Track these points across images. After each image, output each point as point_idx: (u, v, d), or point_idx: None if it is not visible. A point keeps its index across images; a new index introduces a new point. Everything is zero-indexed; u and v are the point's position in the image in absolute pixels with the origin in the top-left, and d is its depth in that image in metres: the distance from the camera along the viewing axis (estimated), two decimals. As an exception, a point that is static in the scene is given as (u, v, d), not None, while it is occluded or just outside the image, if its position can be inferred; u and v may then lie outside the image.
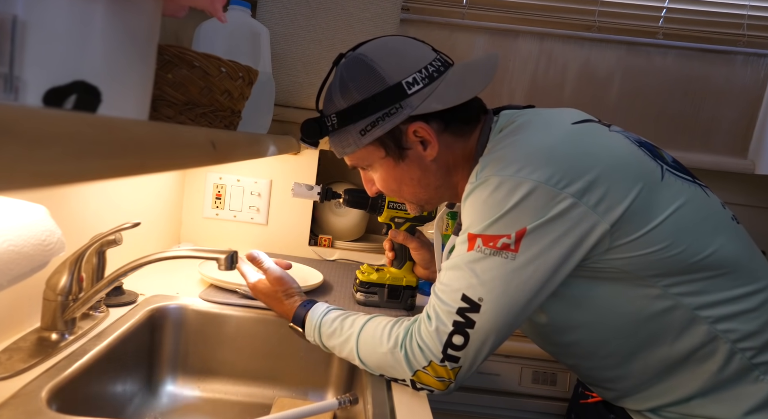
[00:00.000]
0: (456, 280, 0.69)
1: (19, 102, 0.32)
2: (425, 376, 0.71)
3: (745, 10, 1.42)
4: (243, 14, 0.89)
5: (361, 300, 1.05)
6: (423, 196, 0.83)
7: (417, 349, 0.71)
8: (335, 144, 0.82)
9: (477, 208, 0.69)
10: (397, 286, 1.05)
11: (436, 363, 0.70)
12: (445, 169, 0.80)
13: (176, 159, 0.33)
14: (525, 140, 0.70)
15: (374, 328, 0.76)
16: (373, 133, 0.76)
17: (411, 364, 0.71)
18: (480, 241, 0.68)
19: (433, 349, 0.70)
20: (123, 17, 0.37)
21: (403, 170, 0.80)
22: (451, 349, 0.69)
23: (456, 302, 0.69)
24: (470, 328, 0.68)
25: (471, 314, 0.68)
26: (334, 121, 0.78)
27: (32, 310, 0.78)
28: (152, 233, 1.23)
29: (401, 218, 1.04)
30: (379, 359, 0.74)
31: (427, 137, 0.76)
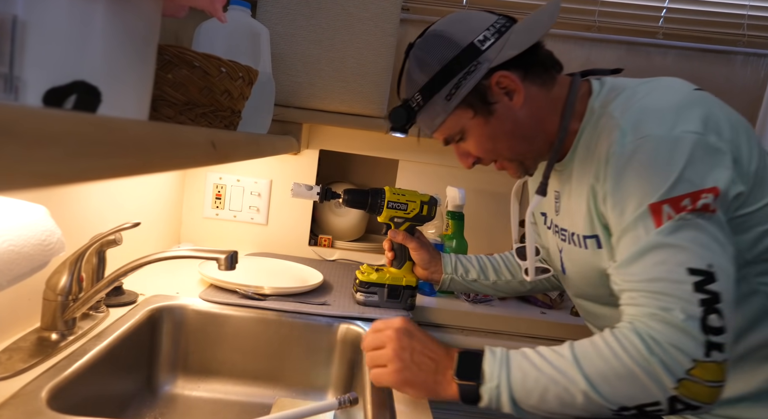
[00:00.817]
0: (666, 262, 0.61)
1: (19, 102, 0.32)
2: (693, 386, 0.58)
3: (745, 10, 1.42)
4: (243, 14, 0.89)
5: (361, 300, 1.05)
6: (520, 148, 0.82)
7: (674, 351, 0.58)
8: (425, 120, 0.83)
9: (643, 174, 0.64)
10: (396, 286, 1.05)
11: (702, 361, 0.58)
12: (535, 119, 0.80)
13: (176, 159, 0.33)
14: (661, 98, 0.69)
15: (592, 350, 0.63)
16: (459, 94, 0.77)
17: (672, 371, 0.58)
18: (669, 209, 0.62)
19: (690, 342, 0.58)
20: (123, 17, 0.37)
21: (495, 125, 0.79)
22: (713, 334, 0.58)
23: (686, 279, 0.60)
24: (718, 302, 0.59)
25: (710, 285, 0.59)
26: (418, 99, 0.81)
27: (32, 310, 0.78)
28: (152, 233, 1.23)
29: (401, 218, 1.04)
30: (623, 382, 0.60)
31: (511, 84, 0.77)
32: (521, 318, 1.20)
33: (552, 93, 0.80)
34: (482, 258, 1.09)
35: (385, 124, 1.28)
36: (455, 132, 0.82)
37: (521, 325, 1.19)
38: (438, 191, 1.36)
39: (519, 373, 0.63)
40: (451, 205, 1.31)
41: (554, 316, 1.22)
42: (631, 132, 0.67)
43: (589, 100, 0.79)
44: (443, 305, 1.21)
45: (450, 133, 0.83)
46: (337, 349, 0.99)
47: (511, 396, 0.63)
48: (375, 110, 1.25)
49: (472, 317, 1.19)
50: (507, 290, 1.08)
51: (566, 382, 0.61)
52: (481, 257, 1.09)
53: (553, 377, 0.62)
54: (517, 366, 0.64)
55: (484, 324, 1.19)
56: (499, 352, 0.66)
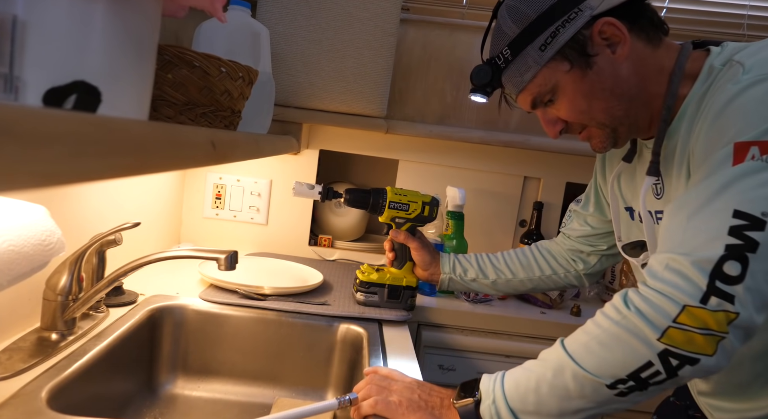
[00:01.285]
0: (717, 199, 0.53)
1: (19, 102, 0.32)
2: (680, 334, 0.51)
3: (745, 10, 1.42)
4: (243, 14, 0.89)
5: (361, 300, 1.05)
6: (618, 110, 0.71)
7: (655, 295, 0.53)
8: (512, 77, 0.74)
9: (750, 109, 0.55)
10: (397, 286, 1.05)
11: (693, 306, 0.50)
12: (638, 77, 0.70)
13: (176, 159, 0.33)
14: None
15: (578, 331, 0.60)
16: (555, 44, 0.69)
17: (654, 322, 0.52)
18: (756, 151, 0.53)
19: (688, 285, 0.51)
20: (123, 17, 0.37)
21: (593, 81, 0.70)
22: (721, 281, 0.50)
23: (725, 221, 0.51)
24: (751, 251, 0.50)
25: (752, 232, 0.50)
26: (506, 54, 0.73)
27: (32, 310, 0.78)
28: (152, 233, 1.23)
29: (402, 218, 1.04)
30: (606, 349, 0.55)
31: (616, 34, 0.69)
32: (521, 318, 1.20)
33: (658, 53, 0.71)
34: (482, 257, 1.07)
35: (385, 123, 1.28)
36: (546, 89, 0.72)
37: (521, 325, 1.19)
38: (438, 191, 1.36)
39: (512, 382, 0.62)
40: (451, 204, 1.31)
41: (554, 316, 1.23)
42: (754, 69, 0.58)
43: (707, 59, 0.68)
44: (443, 305, 1.21)
45: (540, 91, 0.73)
46: (337, 349, 0.99)
47: (509, 408, 0.60)
48: (375, 110, 1.25)
49: (472, 317, 1.19)
50: (507, 289, 1.06)
51: (554, 370, 0.58)
52: (481, 256, 1.07)
53: (542, 371, 0.59)
54: (510, 375, 0.63)
55: (484, 324, 1.19)
56: (495, 373, 0.65)
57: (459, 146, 1.44)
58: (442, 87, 1.45)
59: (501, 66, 0.74)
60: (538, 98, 0.74)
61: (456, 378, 1.18)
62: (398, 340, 0.94)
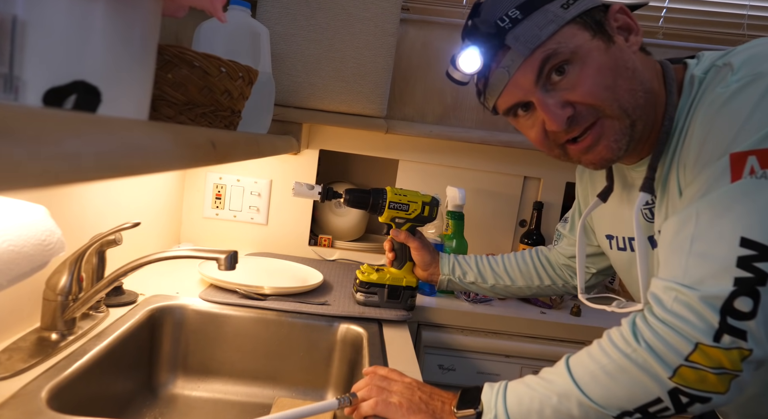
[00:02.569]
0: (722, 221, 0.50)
1: (18, 102, 0.32)
2: (692, 373, 0.49)
3: (745, 10, 1.42)
4: (243, 14, 0.89)
5: (361, 301, 1.05)
6: (641, 98, 0.62)
7: (670, 332, 0.50)
8: (526, 32, 0.61)
9: (742, 115, 0.52)
10: (397, 287, 1.05)
11: (706, 345, 0.48)
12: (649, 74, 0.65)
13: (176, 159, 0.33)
14: None
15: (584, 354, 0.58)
16: (579, 5, 0.62)
17: (665, 360, 0.50)
18: (755, 162, 0.50)
19: (700, 323, 0.48)
20: (123, 17, 0.37)
21: (617, 56, 0.61)
22: (733, 318, 0.48)
23: (732, 250, 0.48)
24: (762, 284, 0.47)
25: (761, 263, 0.47)
26: (514, 14, 0.62)
27: (32, 310, 0.78)
28: (152, 233, 1.23)
29: (402, 218, 1.04)
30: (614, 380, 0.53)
31: (629, 22, 0.64)
32: (521, 318, 1.20)
33: (649, 63, 0.67)
34: (482, 260, 1.05)
35: (385, 123, 1.28)
36: (565, 52, 0.61)
37: (521, 325, 1.19)
38: (438, 191, 1.36)
39: (514, 398, 0.61)
40: (451, 204, 1.31)
41: (554, 316, 1.22)
42: (743, 69, 0.54)
43: (686, 72, 0.64)
44: (443, 305, 1.21)
45: (557, 50, 0.61)
46: (336, 349, 0.99)
47: None
48: (375, 110, 1.25)
49: (471, 317, 1.19)
50: (506, 293, 1.06)
51: (560, 395, 0.57)
52: (481, 259, 1.06)
53: (547, 393, 0.58)
54: (512, 391, 0.62)
55: (483, 324, 1.19)
56: (497, 384, 0.64)
57: (459, 146, 1.44)
58: (442, 87, 1.45)
59: (505, 27, 0.62)
60: (551, 62, 0.61)
61: (456, 378, 1.18)
62: (398, 340, 0.94)
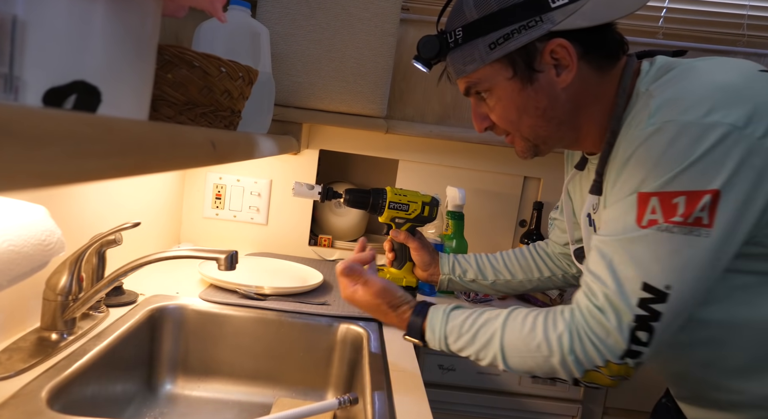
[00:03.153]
0: (630, 264, 0.59)
1: (18, 102, 0.32)
2: (597, 375, 0.63)
3: (745, 10, 1.42)
4: (243, 14, 0.89)
5: None
6: (543, 131, 0.73)
7: (592, 350, 0.62)
8: (455, 61, 0.73)
9: (651, 158, 0.58)
10: None
11: (613, 363, 0.61)
12: (574, 104, 0.71)
13: (176, 159, 0.33)
14: (708, 78, 0.59)
15: (521, 330, 0.68)
16: (505, 47, 0.68)
17: (582, 366, 0.63)
18: (657, 203, 0.57)
19: (613, 348, 0.61)
20: (123, 17, 0.37)
21: (529, 96, 0.70)
22: (635, 344, 0.60)
23: (636, 292, 0.59)
24: (655, 321, 0.59)
25: (656, 305, 0.58)
26: (458, 35, 0.71)
27: (32, 310, 0.78)
28: (152, 233, 1.23)
29: (402, 218, 1.04)
30: (537, 365, 0.66)
31: (566, 59, 0.67)
32: (521, 318, 1.20)
33: (605, 81, 0.70)
34: (481, 258, 1.06)
35: (385, 123, 1.28)
36: (484, 85, 0.73)
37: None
38: (438, 191, 1.36)
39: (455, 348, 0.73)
40: (451, 204, 1.31)
41: (554, 316, 1.22)
42: (657, 113, 0.59)
43: (637, 81, 0.69)
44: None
45: (477, 85, 0.73)
46: (337, 349, 0.99)
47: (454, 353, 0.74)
48: (375, 110, 1.25)
49: (472, 317, 1.19)
50: (506, 290, 1.06)
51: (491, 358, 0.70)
52: (481, 256, 1.07)
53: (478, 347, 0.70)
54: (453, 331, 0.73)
55: (484, 324, 1.19)
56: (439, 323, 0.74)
57: (459, 146, 1.44)
58: (442, 87, 1.45)
59: (450, 44, 0.72)
60: (474, 89, 0.74)
61: (456, 378, 1.18)
62: (398, 340, 0.94)
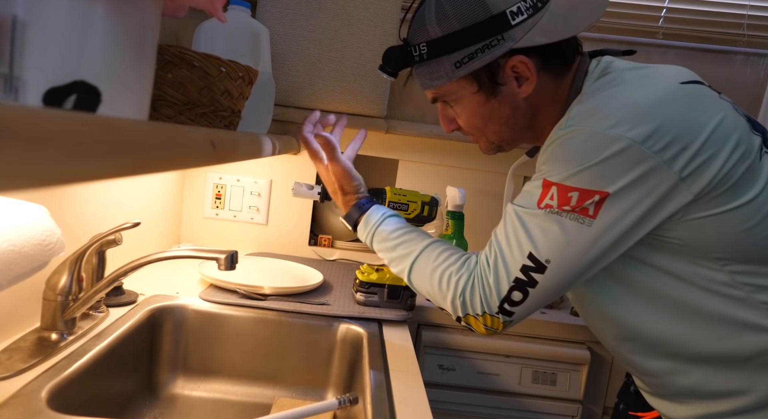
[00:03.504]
0: (524, 234, 0.67)
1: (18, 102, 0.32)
2: (474, 321, 0.72)
3: (745, 10, 1.42)
4: (243, 14, 0.89)
5: (361, 300, 1.05)
6: (506, 135, 0.80)
7: (477, 299, 0.70)
8: (422, 75, 0.77)
9: (561, 155, 0.66)
10: (397, 286, 1.05)
11: (489, 314, 0.70)
12: (533, 109, 0.77)
13: (176, 159, 0.33)
14: (626, 93, 0.65)
15: (434, 262, 0.75)
16: (470, 66, 0.72)
17: (465, 309, 0.71)
18: (555, 192, 0.65)
19: (490, 302, 0.69)
20: (123, 17, 0.37)
21: (493, 107, 0.76)
22: (508, 304, 0.68)
23: (521, 259, 0.67)
24: (531, 287, 0.67)
25: (535, 274, 0.67)
26: (423, 50, 0.74)
27: (32, 310, 0.78)
28: (152, 233, 1.23)
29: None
30: (432, 294, 0.75)
31: (526, 73, 0.72)
32: (521, 318, 1.20)
33: (561, 85, 0.76)
34: None
35: (385, 123, 1.28)
36: (450, 98, 0.78)
37: (521, 325, 1.18)
38: (438, 191, 1.36)
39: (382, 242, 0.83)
40: (451, 204, 1.31)
41: (554, 316, 1.23)
42: (576, 117, 0.66)
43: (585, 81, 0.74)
44: (443, 305, 1.20)
45: (444, 97, 0.79)
46: (336, 349, 0.99)
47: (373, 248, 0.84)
48: (375, 110, 1.25)
49: (472, 317, 1.19)
50: None
51: (399, 270, 0.80)
52: None
53: (393, 260, 0.80)
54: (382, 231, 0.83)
55: (484, 324, 1.19)
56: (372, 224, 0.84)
57: (459, 146, 1.44)
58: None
59: (415, 58, 0.75)
60: (441, 99, 0.80)
61: (456, 378, 1.18)
62: (398, 340, 0.94)
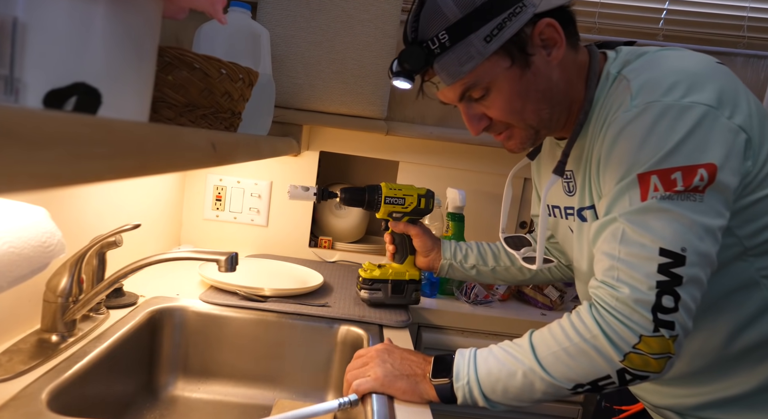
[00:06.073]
0: (644, 233, 0.62)
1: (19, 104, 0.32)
2: (638, 358, 0.61)
3: (745, 11, 1.42)
4: (243, 16, 0.89)
5: (366, 298, 1.04)
6: (545, 113, 0.73)
7: (620, 325, 0.61)
8: (449, 64, 0.70)
9: (639, 139, 0.62)
10: (400, 281, 1.04)
11: (648, 336, 0.61)
12: (565, 82, 0.73)
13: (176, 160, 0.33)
14: (679, 64, 0.65)
15: (547, 335, 0.68)
16: (501, 37, 0.67)
17: (618, 346, 0.62)
18: (656, 180, 0.61)
19: (639, 319, 0.61)
20: (123, 19, 0.37)
21: (529, 81, 0.71)
22: (662, 313, 0.60)
23: (654, 258, 0.61)
24: (678, 285, 0.60)
25: (676, 269, 0.60)
26: (443, 39, 0.68)
27: (32, 312, 0.78)
28: (152, 235, 1.23)
29: (399, 213, 1.03)
30: (574, 360, 0.64)
31: (554, 37, 0.70)
32: (521, 319, 1.20)
33: (578, 57, 0.74)
34: (482, 245, 1.06)
35: (386, 125, 1.28)
36: (482, 84, 0.71)
37: (521, 327, 1.19)
38: (438, 192, 1.36)
39: (484, 369, 0.69)
40: (452, 206, 1.31)
41: (554, 317, 1.22)
42: (639, 95, 0.63)
43: (605, 65, 0.73)
44: (443, 306, 1.20)
45: (476, 83, 0.71)
46: (337, 351, 0.99)
47: (481, 391, 0.69)
48: (375, 112, 1.25)
49: (471, 319, 1.19)
50: (506, 277, 1.05)
51: (524, 373, 0.67)
52: (482, 244, 1.07)
53: (513, 369, 0.68)
54: (483, 363, 0.70)
55: (483, 325, 1.19)
56: (467, 352, 0.72)
57: (459, 148, 1.44)
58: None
59: (435, 51, 0.69)
60: (470, 91, 0.72)
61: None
62: (398, 342, 0.94)
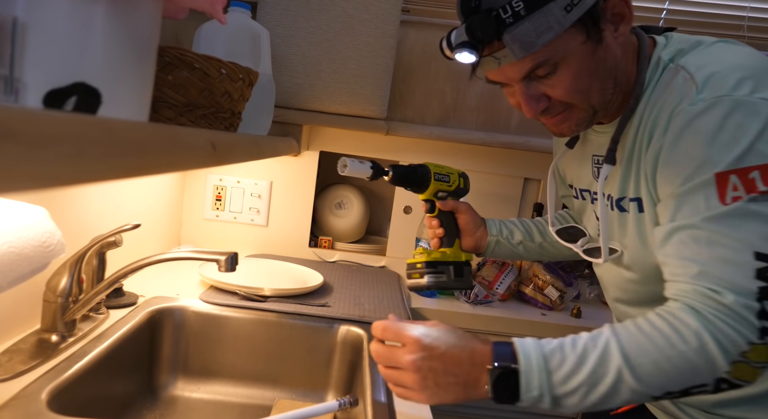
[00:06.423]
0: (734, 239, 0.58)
1: (19, 104, 0.32)
2: (743, 367, 0.57)
3: (745, 11, 1.42)
4: (243, 16, 0.89)
5: (428, 283, 0.91)
6: (610, 93, 0.69)
7: (732, 332, 0.57)
8: (523, 35, 0.63)
9: (709, 136, 0.59)
10: (459, 263, 0.94)
11: (757, 344, 0.57)
12: (626, 60, 0.70)
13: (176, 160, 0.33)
14: (745, 60, 0.62)
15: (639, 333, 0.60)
16: (582, 7, 0.62)
17: (729, 354, 0.57)
18: (736, 180, 0.58)
19: (749, 327, 0.57)
20: (123, 19, 0.37)
21: (600, 58, 0.66)
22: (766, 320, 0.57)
23: (751, 263, 0.57)
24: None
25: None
26: (518, 7, 0.62)
27: (32, 312, 0.78)
28: (152, 235, 1.23)
29: (444, 192, 0.95)
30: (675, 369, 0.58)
31: (625, 10, 0.66)
32: (521, 319, 1.20)
33: (631, 38, 0.71)
34: (525, 221, 1.03)
35: (386, 125, 1.28)
36: (554, 59, 0.65)
37: (521, 327, 1.19)
38: (438, 192, 1.36)
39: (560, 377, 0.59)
40: (452, 206, 1.30)
41: (554, 318, 1.22)
42: (706, 89, 0.61)
43: (654, 50, 0.70)
44: (443, 306, 1.20)
45: (549, 58, 0.65)
46: (337, 351, 0.99)
47: (553, 399, 0.59)
48: (375, 112, 1.25)
49: (472, 318, 1.19)
50: (553, 252, 1.01)
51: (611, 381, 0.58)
52: (524, 220, 1.04)
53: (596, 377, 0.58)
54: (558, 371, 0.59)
55: (484, 325, 1.19)
56: (535, 362, 0.60)
57: (459, 148, 1.44)
58: (443, 88, 1.45)
59: (507, 20, 0.62)
60: (539, 67, 0.66)
61: (456, 379, 1.17)
62: (398, 342, 0.94)
